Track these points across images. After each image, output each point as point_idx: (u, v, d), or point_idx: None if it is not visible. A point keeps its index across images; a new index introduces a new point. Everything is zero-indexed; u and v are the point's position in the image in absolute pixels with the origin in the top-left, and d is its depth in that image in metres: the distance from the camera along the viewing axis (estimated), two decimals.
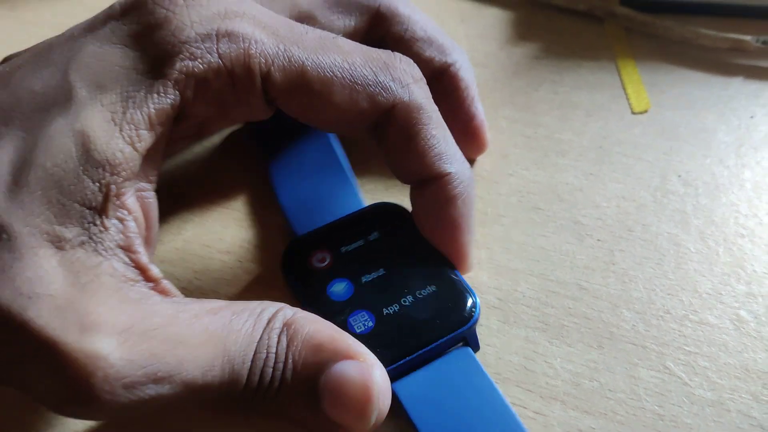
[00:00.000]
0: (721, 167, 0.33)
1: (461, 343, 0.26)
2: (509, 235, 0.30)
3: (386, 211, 0.30)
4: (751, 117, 0.34)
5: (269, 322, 0.23)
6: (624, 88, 0.36)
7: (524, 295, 0.29)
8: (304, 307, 0.25)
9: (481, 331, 0.27)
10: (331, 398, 0.22)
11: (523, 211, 0.31)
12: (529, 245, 0.30)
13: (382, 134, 0.27)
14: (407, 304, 0.26)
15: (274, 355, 0.22)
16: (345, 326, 0.26)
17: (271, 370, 0.22)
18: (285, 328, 0.23)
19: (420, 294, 0.27)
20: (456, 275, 0.27)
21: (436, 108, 0.27)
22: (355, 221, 0.29)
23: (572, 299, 0.28)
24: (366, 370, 0.23)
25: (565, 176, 0.32)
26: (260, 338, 0.22)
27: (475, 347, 0.26)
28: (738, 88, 0.36)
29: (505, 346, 0.27)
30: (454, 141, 0.28)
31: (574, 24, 0.41)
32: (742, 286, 0.28)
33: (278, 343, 0.23)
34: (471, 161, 0.33)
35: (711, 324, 0.27)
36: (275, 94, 0.26)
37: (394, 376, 0.25)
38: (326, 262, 0.28)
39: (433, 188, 0.27)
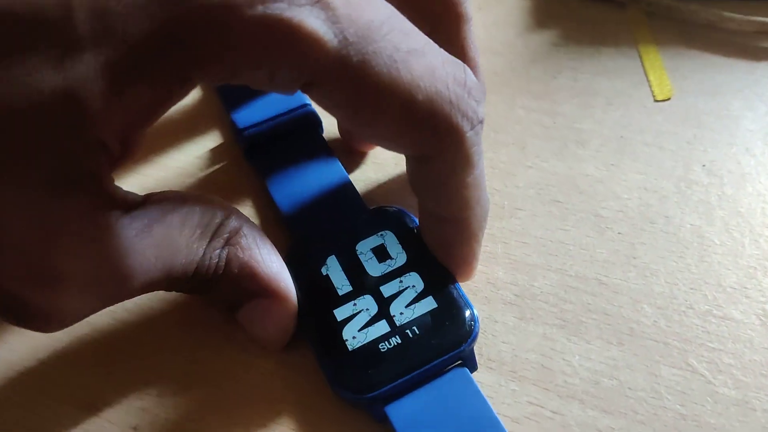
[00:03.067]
0: (747, 156, 0.31)
1: (459, 362, 0.25)
2: (526, 229, 0.30)
3: (386, 214, 0.29)
4: None
5: (214, 235, 0.24)
6: (646, 75, 0.35)
7: (542, 291, 0.28)
8: (304, 313, 0.26)
9: (497, 328, 0.27)
10: (247, 322, 0.26)
11: (541, 204, 0.31)
12: (547, 239, 0.29)
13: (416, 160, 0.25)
14: (403, 320, 0.26)
15: (214, 267, 0.24)
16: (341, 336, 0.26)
17: (210, 275, 0.24)
18: (227, 247, 0.24)
19: (417, 309, 0.26)
20: (457, 289, 0.26)
21: (481, 150, 0.25)
22: (359, 225, 0.28)
23: (591, 294, 0.28)
24: (286, 316, 0.26)
25: (585, 167, 0.32)
26: (203, 255, 0.24)
27: (473, 367, 0.26)
28: (764, 72, 0.35)
29: (521, 344, 0.27)
30: (484, 179, 0.26)
31: (594, 10, 0.40)
32: None
33: (219, 258, 0.24)
34: None
35: (736, 319, 0.27)
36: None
37: (386, 398, 0.24)
38: (325, 264, 0.27)
39: (448, 225, 0.26)
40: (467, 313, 0.25)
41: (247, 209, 0.32)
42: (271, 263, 0.25)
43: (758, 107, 0.33)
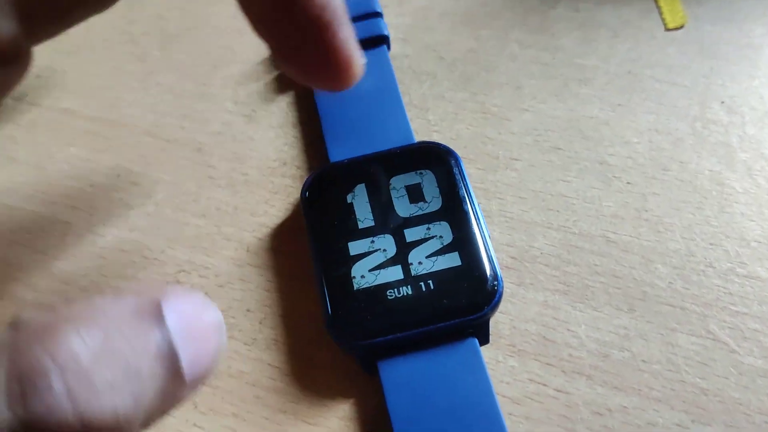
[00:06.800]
0: None
1: (470, 331, 0.22)
2: (524, 182, 0.27)
3: (431, 151, 0.26)
4: None
5: None
6: (655, 1, 0.31)
7: (542, 252, 0.25)
8: (316, 240, 0.24)
9: None
10: None
11: (540, 152, 0.27)
12: (547, 193, 0.26)
13: None
14: (420, 270, 0.23)
15: None
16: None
17: None
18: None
19: (438, 263, 0.23)
20: (486, 250, 0.23)
21: None
22: (397, 157, 0.26)
23: (598, 255, 0.25)
24: None
25: (588, 109, 0.28)
26: None
27: (483, 340, 0.23)
28: None
29: (520, 313, 0.24)
30: None
31: None
32: None
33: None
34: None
35: (762, 278, 0.24)
36: None
37: (380, 352, 0.22)
38: (353, 192, 0.25)
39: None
40: (492, 278, 0.23)
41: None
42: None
43: None
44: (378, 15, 0.29)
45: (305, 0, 0.19)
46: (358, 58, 0.20)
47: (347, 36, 0.20)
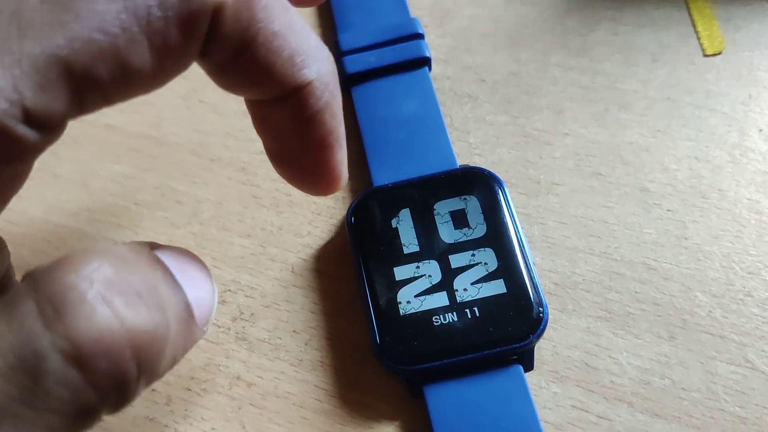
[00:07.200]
0: None
1: (514, 358, 0.23)
2: (565, 207, 0.27)
3: (475, 176, 0.26)
4: None
5: None
6: (694, 26, 0.31)
7: (584, 279, 0.25)
8: (362, 265, 0.24)
9: None
10: None
11: (581, 177, 0.27)
12: (588, 219, 0.27)
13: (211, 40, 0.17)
14: (465, 297, 0.23)
15: None
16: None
17: None
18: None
19: (483, 290, 0.23)
20: (531, 278, 0.24)
21: None
22: (441, 182, 0.26)
23: (639, 282, 0.25)
24: None
25: (629, 134, 0.28)
26: None
27: (528, 366, 0.23)
28: None
29: (562, 339, 0.24)
30: (305, 24, 0.19)
31: None
32: None
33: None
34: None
35: None
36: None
37: (427, 377, 0.23)
38: (397, 217, 0.25)
39: (287, 106, 0.19)
40: (537, 306, 0.23)
41: None
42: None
43: None
44: (420, 36, 0.29)
45: (317, 123, 0.20)
46: (345, 176, 0.22)
47: (342, 157, 0.21)
